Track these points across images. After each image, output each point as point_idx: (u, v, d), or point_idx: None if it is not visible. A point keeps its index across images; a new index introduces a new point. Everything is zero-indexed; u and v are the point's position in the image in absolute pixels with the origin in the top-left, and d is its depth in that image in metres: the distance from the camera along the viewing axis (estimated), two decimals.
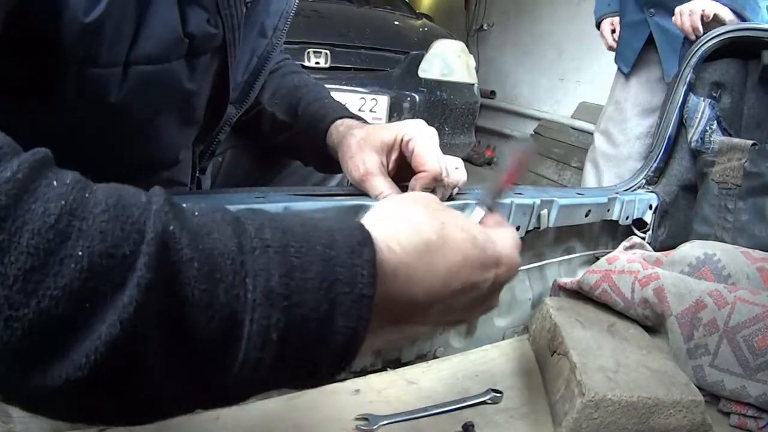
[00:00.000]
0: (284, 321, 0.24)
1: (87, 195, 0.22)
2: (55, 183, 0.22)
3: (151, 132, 0.52)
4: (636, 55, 1.69)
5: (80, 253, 0.20)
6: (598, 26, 1.90)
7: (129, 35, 0.43)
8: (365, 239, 0.27)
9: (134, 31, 0.43)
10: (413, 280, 0.30)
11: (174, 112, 0.54)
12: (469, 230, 0.34)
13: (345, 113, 0.67)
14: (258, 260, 0.24)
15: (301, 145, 0.71)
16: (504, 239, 0.37)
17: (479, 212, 0.43)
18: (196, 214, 0.25)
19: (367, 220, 0.31)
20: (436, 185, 0.57)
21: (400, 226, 0.32)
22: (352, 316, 0.26)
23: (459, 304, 0.34)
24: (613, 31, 1.84)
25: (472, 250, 0.33)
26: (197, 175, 0.68)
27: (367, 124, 0.64)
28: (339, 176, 0.82)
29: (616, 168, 1.77)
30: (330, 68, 2.35)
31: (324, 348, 0.26)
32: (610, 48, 1.86)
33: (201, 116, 0.60)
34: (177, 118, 0.55)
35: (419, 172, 0.56)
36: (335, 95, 0.73)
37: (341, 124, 0.65)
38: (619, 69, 1.80)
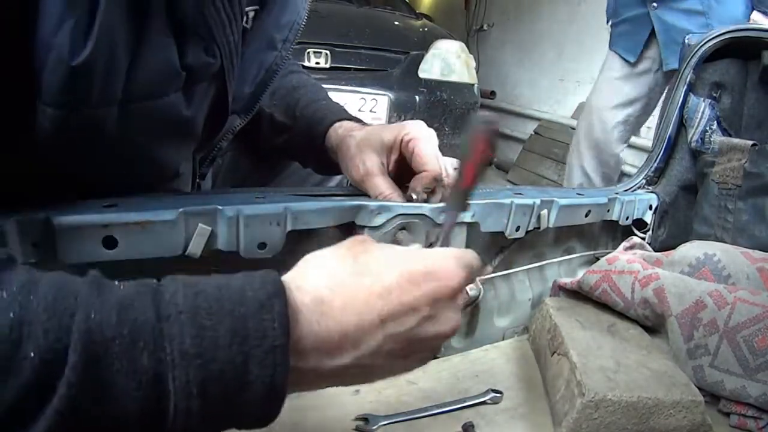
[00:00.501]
0: (201, 376, 0.28)
1: (31, 298, 0.26)
2: (4, 294, 0.26)
3: (150, 154, 0.52)
4: (642, 46, 1.76)
5: (32, 354, 0.25)
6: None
7: (122, 73, 0.41)
8: (276, 291, 0.30)
9: (128, 68, 0.41)
10: (334, 315, 0.32)
11: (172, 136, 0.53)
12: (389, 256, 0.35)
13: (344, 115, 0.67)
14: (173, 325, 0.28)
15: (299, 147, 0.71)
16: (439, 253, 0.37)
17: (449, 222, 0.43)
18: (121, 288, 0.29)
19: (289, 274, 0.34)
20: (436, 185, 0.57)
21: (315, 268, 0.34)
22: (267, 366, 0.29)
23: (403, 329, 0.34)
24: None
25: (394, 274, 0.34)
26: (197, 180, 0.68)
27: (366, 126, 0.64)
28: (338, 177, 0.82)
29: (596, 151, 1.91)
30: (330, 68, 2.35)
31: (246, 395, 0.29)
32: None
33: (199, 133, 0.59)
34: (175, 140, 0.54)
35: (419, 172, 0.56)
36: (335, 95, 0.73)
37: (340, 126, 0.64)
38: (612, 61, 1.89)
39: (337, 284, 0.33)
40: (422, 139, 0.56)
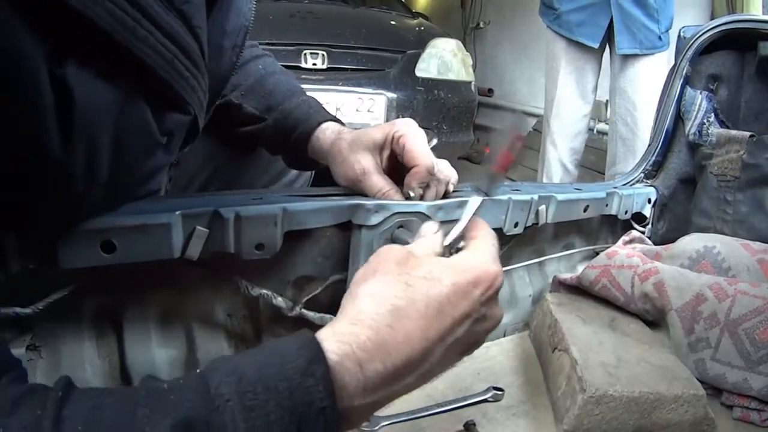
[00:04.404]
0: None
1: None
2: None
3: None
4: (604, 31, 1.86)
5: None
6: None
7: (106, 163, 0.40)
8: (314, 356, 0.31)
9: (111, 155, 0.40)
10: (396, 348, 0.33)
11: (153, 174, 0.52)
12: (434, 274, 0.36)
13: (327, 115, 0.66)
14: (224, 415, 0.29)
15: (271, 138, 0.69)
16: (475, 257, 0.38)
17: (475, 201, 0.44)
18: (176, 401, 0.29)
19: (345, 310, 0.35)
20: (430, 180, 0.57)
21: (364, 304, 0.34)
22: (319, 426, 0.30)
23: (460, 335, 0.36)
24: None
25: (444, 291, 0.35)
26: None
27: (352, 129, 0.63)
28: (307, 174, 0.80)
29: (568, 140, 2.03)
30: (327, 69, 2.34)
31: None
32: None
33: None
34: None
35: (411, 168, 0.56)
36: (333, 96, 0.72)
37: (327, 128, 0.64)
38: (568, 50, 1.96)
39: (391, 318, 0.34)
40: (412, 134, 0.56)
